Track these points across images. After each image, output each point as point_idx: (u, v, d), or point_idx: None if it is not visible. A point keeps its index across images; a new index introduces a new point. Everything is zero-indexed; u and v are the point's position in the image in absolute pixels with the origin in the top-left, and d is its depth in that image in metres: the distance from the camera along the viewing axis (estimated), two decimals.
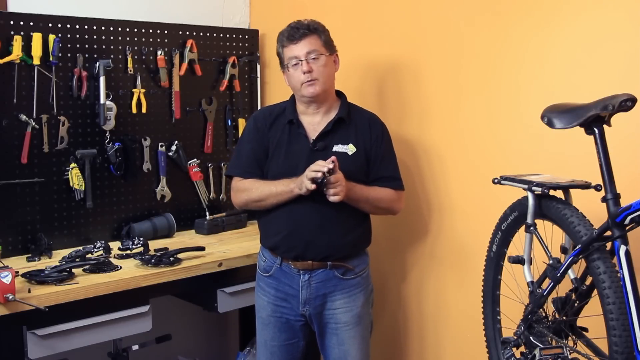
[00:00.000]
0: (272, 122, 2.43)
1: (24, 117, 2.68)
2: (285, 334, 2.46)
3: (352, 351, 2.43)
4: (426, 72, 2.74)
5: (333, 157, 2.23)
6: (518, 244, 2.07)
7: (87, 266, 2.48)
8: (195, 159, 3.24)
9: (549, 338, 1.91)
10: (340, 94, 2.49)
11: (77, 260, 2.53)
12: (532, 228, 1.96)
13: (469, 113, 2.61)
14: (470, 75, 2.59)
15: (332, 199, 2.24)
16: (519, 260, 2.00)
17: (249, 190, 2.40)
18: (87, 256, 2.59)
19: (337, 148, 2.37)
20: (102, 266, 2.51)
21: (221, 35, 3.31)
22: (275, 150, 2.39)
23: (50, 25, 2.74)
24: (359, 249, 2.46)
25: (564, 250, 1.93)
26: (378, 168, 2.42)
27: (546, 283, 1.93)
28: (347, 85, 2.59)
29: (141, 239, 2.78)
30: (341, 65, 2.48)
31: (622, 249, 1.65)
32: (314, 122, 2.41)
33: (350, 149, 2.38)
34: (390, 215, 2.61)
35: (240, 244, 2.97)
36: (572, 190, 1.93)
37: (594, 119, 1.74)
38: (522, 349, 2.00)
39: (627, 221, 1.65)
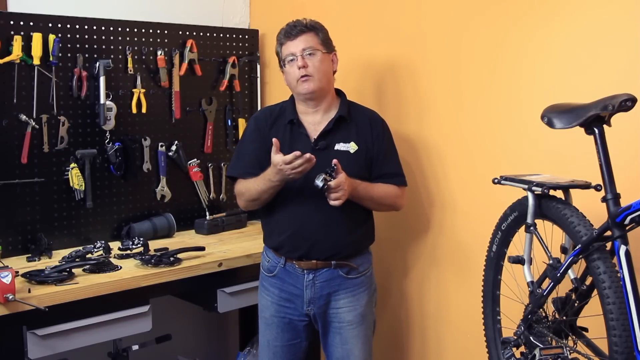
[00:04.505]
0: (273, 123, 2.43)
1: (24, 117, 2.68)
2: (288, 334, 2.46)
3: (355, 350, 2.43)
4: (427, 72, 2.74)
5: (335, 161, 2.22)
6: (518, 244, 2.07)
7: (87, 266, 2.48)
8: (195, 159, 3.24)
9: (549, 338, 1.91)
10: (339, 93, 2.49)
11: (77, 260, 2.53)
12: (532, 228, 1.96)
13: (469, 113, 2.61)
14: (471, 75, 2.59)
15: (332, 203, 2.24)
16: (519, 260, 2.00)
17: (244, 192, 2.42)
18: (87, 256, 2.59)
19: (339, 147, 2.37)
20: (102, 266, 2.51)
21: (221, 35, 3.31)
22: None
23: (50, 25, 2.74)
24: (362, 248, 2.46)
25: (564, 250, 1.93)
26: (381, 165, 2.43)
27: (546, 283, 1.93)
28: (346, 85, 2.59)
29: (141, 239, 2.78)
30: (341, 65, 2.48)
31: (622, 249, 1.65)
32: (314, 122, 2.41)
33: (352, 147, 2.38)
34: (392, 215, 2.62)
35: (240, 244, 2.97)
36: (572, 190, 1.93)
37: (594, 119, 1.74)
38: (522, 349, 2.00)
39: (627, 221, 1.65)
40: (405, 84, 2.82)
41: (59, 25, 2.77)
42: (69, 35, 2.80)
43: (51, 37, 2.72)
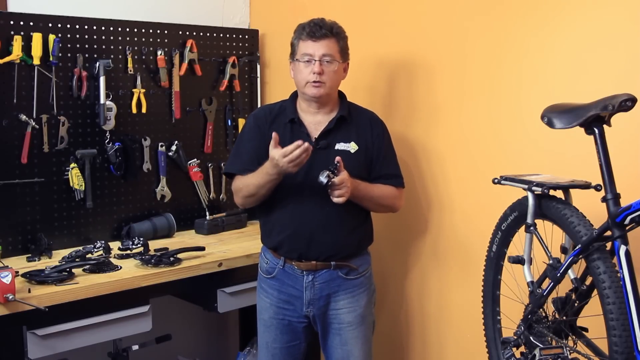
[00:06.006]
0: (273, 121, 2.43)
1: (24, 117, 2.68)
2: (287, 336, 2.46)
3: (355, 351, 2.43)
4: (427, 71, 2.73)
5: (338, 158, 2.23)
6: (518, 244, 2.07)
7: (87, 266, 2.48)
8: (195, 159, 3.24)
9: (549, 338, 1.91)
10: (340, 94, 2.49)
11: (77, 260, 2.53)
12: (532, 228, 1.96)
13: (470, 113, 2.61)
14: (471, 75, 2.59)
15: (336, 200, 2.24)
16: (519, 260, 2.00)
17: (241, 189, 2.41)
18: (87, 256, 2.59)
19: (340, 146, 2.38)
20: (102, 266, 2.51)
21: (221, 35, 3.31)
22: None
23: (50, 25, 2.74)
24: (361, 248, 2.46)
25: (564, 250, 1.93)
26: (380, 166, 2.43)
27: (546, 283, 1.93)
28: (347, 85, 2.58)
29: (141, 239, 2.78)
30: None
31: (622, 249, 1.65)
32: (315, 121, 2.41)
33: (352, 147, 2.38)
34: (392, 216, 2.62)
35: (240, 244, 2.97)
36: (572, 190, 1.93)
37: (594, 119, 1.74)
38: (522, 349, 2.00)
39: (627, 221, 1.65)
40: (407, 85, 2.82)
41: (59, 25, 2.77)
42: (69, 35, 2.80)
43: (51, 37, 2.72)
